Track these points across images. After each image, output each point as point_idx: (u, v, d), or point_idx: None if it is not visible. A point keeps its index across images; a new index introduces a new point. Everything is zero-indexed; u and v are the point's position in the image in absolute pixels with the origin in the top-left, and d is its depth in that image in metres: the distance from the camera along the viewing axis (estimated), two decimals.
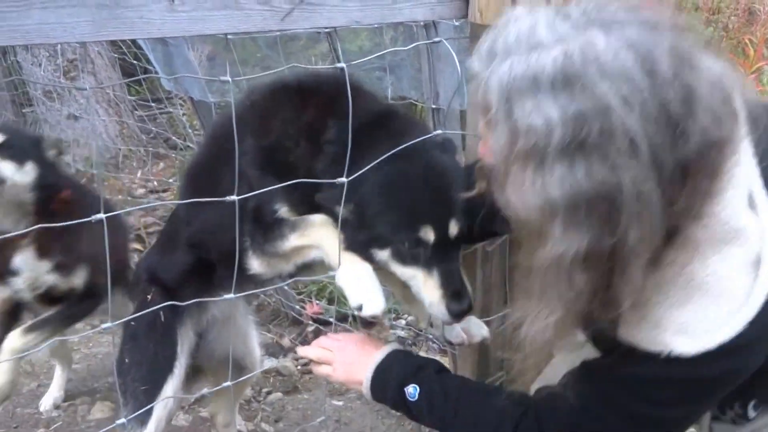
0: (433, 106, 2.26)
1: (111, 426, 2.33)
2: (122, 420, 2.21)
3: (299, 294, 4.26)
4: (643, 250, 1.45)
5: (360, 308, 1.82)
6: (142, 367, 2.32)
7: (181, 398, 2.59)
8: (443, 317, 1.91)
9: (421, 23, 2.31)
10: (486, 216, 1.77)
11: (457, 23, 2.01)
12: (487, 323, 2.21)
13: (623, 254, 1.44)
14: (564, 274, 1.49)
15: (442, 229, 1.86)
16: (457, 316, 1.89)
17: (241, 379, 2.46)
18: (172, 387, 2.32)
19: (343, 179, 1.81)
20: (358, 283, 1.87)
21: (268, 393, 3.54)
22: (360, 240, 1.91)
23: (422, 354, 3.73)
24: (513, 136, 1.39)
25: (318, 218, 1.97)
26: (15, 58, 6.24)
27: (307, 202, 1.95)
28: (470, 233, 1.96)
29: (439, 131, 2.00)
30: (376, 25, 2.45)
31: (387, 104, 2.06)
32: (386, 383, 1.95)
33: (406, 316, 4.21)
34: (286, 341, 3.99)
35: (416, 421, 2.09)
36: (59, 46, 5.66)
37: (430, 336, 3.93)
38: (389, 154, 1.80)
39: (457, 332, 2.15)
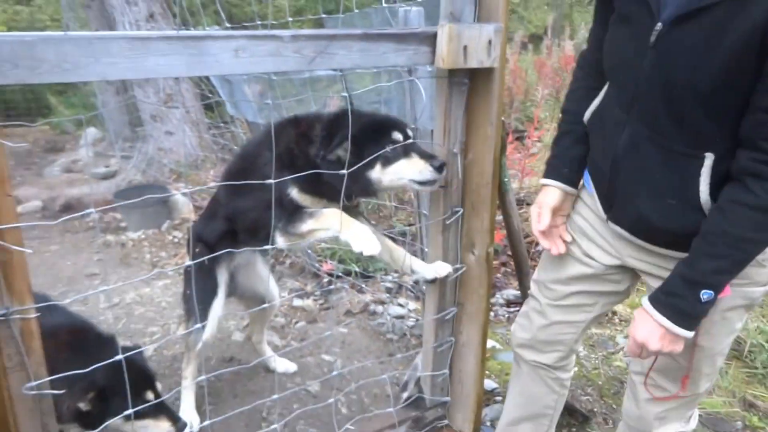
0: (412, 126, 2.26)
1: (186, 331, 2.36)
2: (188, 330, 2.26)
3: (318, 256, 4.16)
4: None
5: (363, 250, 1.77)
6: (197, 294, 2.28)
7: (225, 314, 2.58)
8: (431, 174, 1.83)
9: (405, 68, 2.25)
10: None
11: (430, 68, 1.93)
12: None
13: None
14: None
15: (403, 131, 1.88)
16: (439, 168, 1.84)
17: (260, 307, 2.44)
18: (217, 305, 2.33)
19: (344, 173, 1.76)
20: (360, 235, 1.81)
21: (296, 322, 3.45)
22: (361, 174, 1.85)
23: (401, 300, 3.76)
24: None
25: (328, 210, 1.91)
26: (132, 92, 6.05)
27: (309, 183, 1.91)
28: None
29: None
30: (374, 70, 2.39)
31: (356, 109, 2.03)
32: (678, 307, 1.41)
33: (392, 273, 4.20)
34: (308, 288, 3.90)
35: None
36: (161, 83, 5.50)
37: (409, 286, 3.91)
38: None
39: (433, 270, 2.07)
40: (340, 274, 3.98)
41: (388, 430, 2.21)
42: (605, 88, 1.63)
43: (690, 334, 1.41)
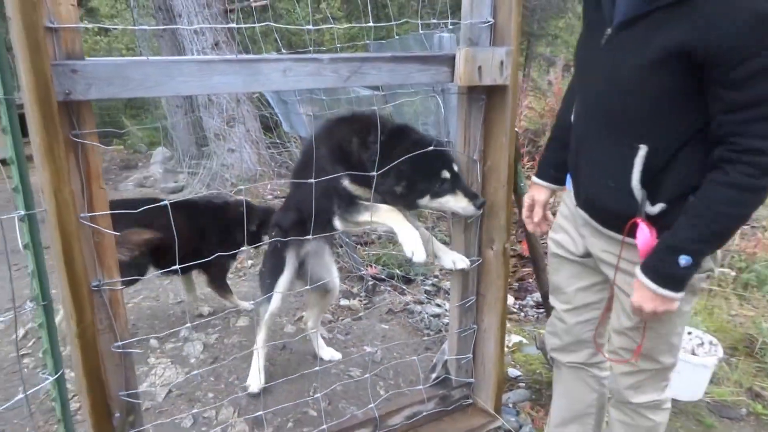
0: (446, 139, 2.44)
1: (253, 302, 2.60)
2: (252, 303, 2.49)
3: (363, 261, 4.39)
4: None
5: (412, 256, 1.95)
6: (268, 271, 2.58)
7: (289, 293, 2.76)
8: (473, 211, 2.06)
9: (430, 87, 2.43)
10: None
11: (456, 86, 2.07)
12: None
13: None
14: None
15: (450, 169, 2.05)
16: (479, 206, 2.06)
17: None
18: (283, 282, 2.56)
19: (374, 173, 1.96)
20: (412, 241, 1.96)
21: (342, 319, 3.64)
22: (411, 199, 2.06)
23: (439, 300, 3.93)
24: None
25: (385, 207, 2.08)
26: (198, 113, 6.39)
27: (360, 178, 2.07)
28: None
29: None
30: (410, 89, 2.59)
31: (404, 123, 2.22)
32: (660, 271, 1.52)
33: (431, 278, 4.39)
34: (354, 290, 4.10)
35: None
36: (225, 105, 5.82)
37: (446, 288, 4.08)
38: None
39: (451, 259, 2.22)
40: (384, 277, 4.21)
41: (418, 405, 2.41)
42: None
43: (677, 295, 1.51)
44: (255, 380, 2.73)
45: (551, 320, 2.11)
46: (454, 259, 2.23)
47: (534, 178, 2.04)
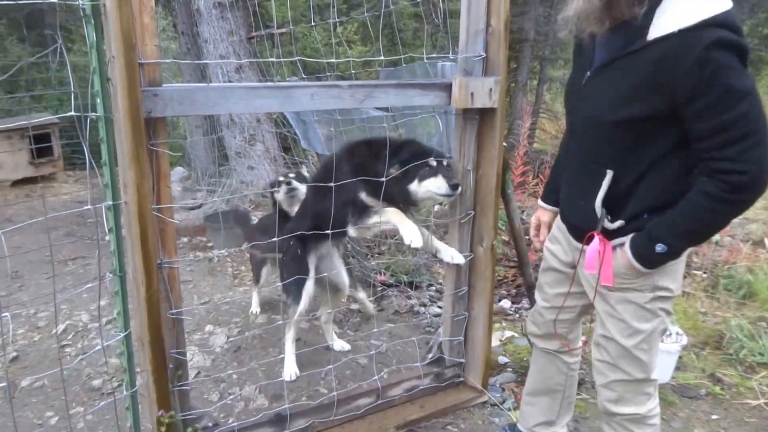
0: (449, 156, 2.85)
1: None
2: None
3: (373, 270, 4.75)
4: None
5: (411, 243, 2.30)
6: (292, 276, 2.91)
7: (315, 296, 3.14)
8: (446, 190, 2.40)
9: (431, 108, 2.83)
10: None
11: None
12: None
13: None
14: None
15: (437, 159, 2.45)
16: (453, 186, 2.41)
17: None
18: (310, 285, 2.93)
19: (383, 179, 2.38)
20: (410, 231, 2.33)
21: (353, 320, 4.06)
22: (405, 185, 2.45)
23: (441, 303, 4.31)
24: None
25: (389, 209, 2.47)
26: (221, 133, 6.77)
27: (374, 189, 2.44)
28: None
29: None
30: (404, 109, 3.02)
31: (410, 138, 2.65)
32: (640, 250, 1.80)
33: (435, 283, 4.78)
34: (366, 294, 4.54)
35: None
36: (246, 125, 6.20)
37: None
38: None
39: (450, 254, 2.62)
40: (392, 283, 4.62)
41: (416, 380, 2.83)
42: None
43: (646, 270, 1.82)
44: (292, 368, 3.16)
45: (533, 311, 2.46)
46: (452, 255, 2.64)
47: (539, 201, 2.35)
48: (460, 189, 2.50)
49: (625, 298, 1.93)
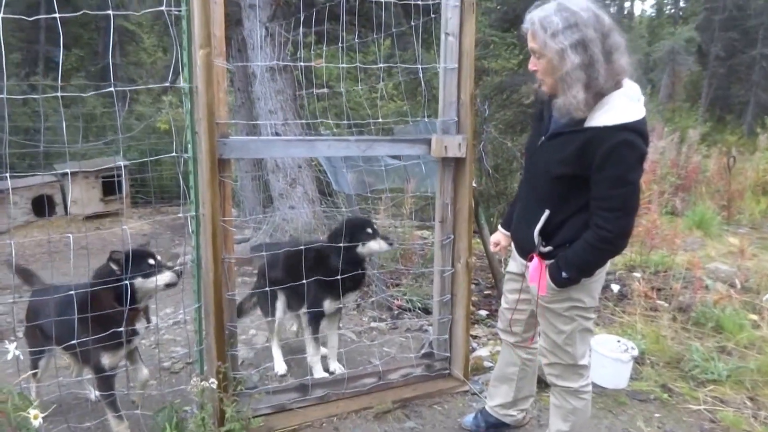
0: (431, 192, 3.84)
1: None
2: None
3: (391, 296, 5.64)
4: (600, 70, 2.20)
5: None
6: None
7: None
8: (387, 248, 3.70)
9: (417, 156, 3.85)
10: None
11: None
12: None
13: (592, 68, 2.20)
14: (578, 72, 2.22)
15: (372, 228, 3.64)
16: (391, 244, 3.70)
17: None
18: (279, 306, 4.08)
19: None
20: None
21: (370, 334, 5.03)
22: (353, 250, 3.62)
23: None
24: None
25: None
26: (267, 177, 7.85)
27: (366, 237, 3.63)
28: None
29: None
30: (398, 156, 4.10)
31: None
32: (553, 274, 2.47)
33: None
34: (383, 316, 5.39)
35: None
36: (288, 170, 7.16)
37: None
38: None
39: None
40: (408, 307, 5.55)
41: (410, 368, 3.76)
42: None
43: (557, 288, 2.47)
44: (281, 364, 4.17)
45: (500, 310, 3.10)
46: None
47: (499, 227, 3.06)
48: (395, 244, 3.72)
49: (550, 306, 2.60)
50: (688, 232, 7.85)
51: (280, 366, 4.14)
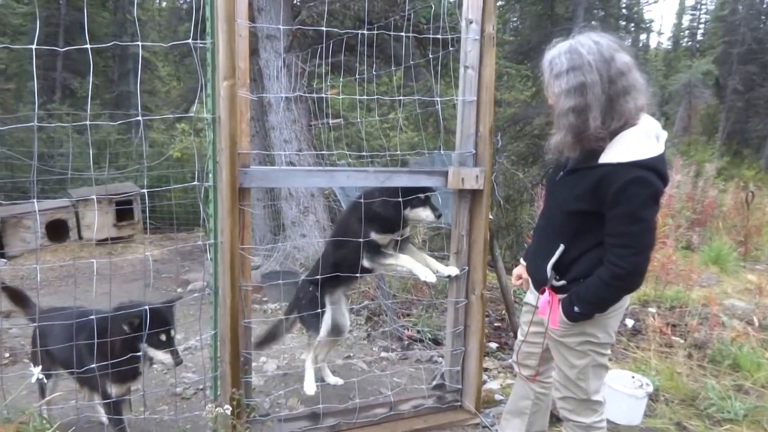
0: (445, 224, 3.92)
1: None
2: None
3: (402, 327, 5.69)
4: (596, 115, 2.27)
5: (426, 278, 3.33)
6: (312, 313, 3.80)
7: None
8: (432, 218, 3.45)
9: (434, 188, 3.93)
10: None
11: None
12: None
13: (585, 114, 2.28)
14: (570, 116, 2.32)
15: (425, 194, 3.45)
16: (438, 216, 3.45)
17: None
18: (327, 317, 3.82)
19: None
20: (423, 272, 3.34)
21: (380, 364, 5.08)
22: (402, 210, 3.41)
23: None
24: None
25: (403, 256, 3.49)
26: (279, 205, 8.05)
27: (385, 229, 3.48)
28: None
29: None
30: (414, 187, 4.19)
31: None
32: (565, 308, 2.53)
33: None
34: (393, 346, 5.40)
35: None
36: (301, 199, 7.30)
37: None
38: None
39: (448, 271, 3.59)
40: (419, 338, 5.59)
41: (422, 399, 3.80)
42: None
43: (569, 322, 2.53)
44: (312, 387, 4.04)
45: (516, 343, 3.14)
46: (450, 272, 3.65)
47: (521, 260, 3.09)
48: (442, 217, 3.56)
49: (563, 339, 2.65)
50: (704, 267, 7.88)
51: (310, 387, 3.89)
